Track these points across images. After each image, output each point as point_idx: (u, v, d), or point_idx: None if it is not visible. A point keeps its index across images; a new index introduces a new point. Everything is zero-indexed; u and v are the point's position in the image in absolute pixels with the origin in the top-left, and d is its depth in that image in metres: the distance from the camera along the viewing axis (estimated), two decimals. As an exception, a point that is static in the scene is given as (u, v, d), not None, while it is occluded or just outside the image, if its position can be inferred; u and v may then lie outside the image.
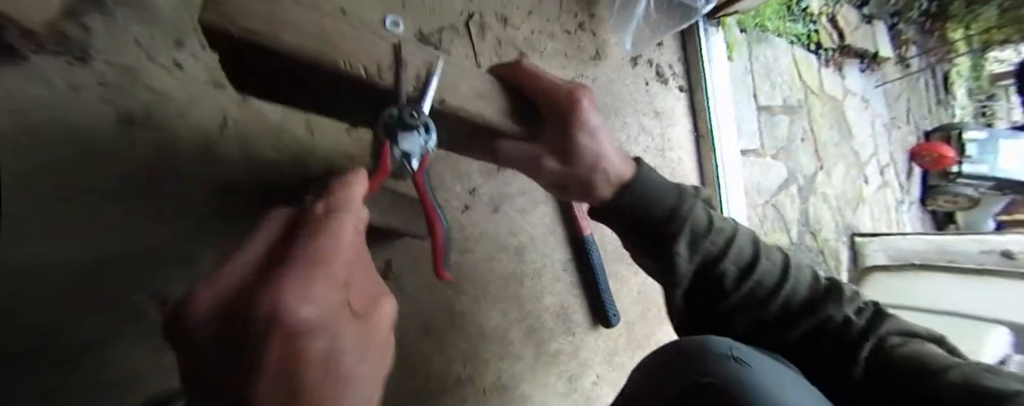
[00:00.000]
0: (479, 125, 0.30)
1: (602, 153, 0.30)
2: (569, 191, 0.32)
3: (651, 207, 0.31)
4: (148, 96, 0.38)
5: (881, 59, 2.07)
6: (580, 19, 0.72)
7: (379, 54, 0.25)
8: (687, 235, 0.31)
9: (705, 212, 0.32)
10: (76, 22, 0.36)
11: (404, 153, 0.27)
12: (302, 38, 0.22)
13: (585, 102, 0.29)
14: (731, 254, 0.31)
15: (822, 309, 0.31)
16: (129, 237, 0.37)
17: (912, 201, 2.35)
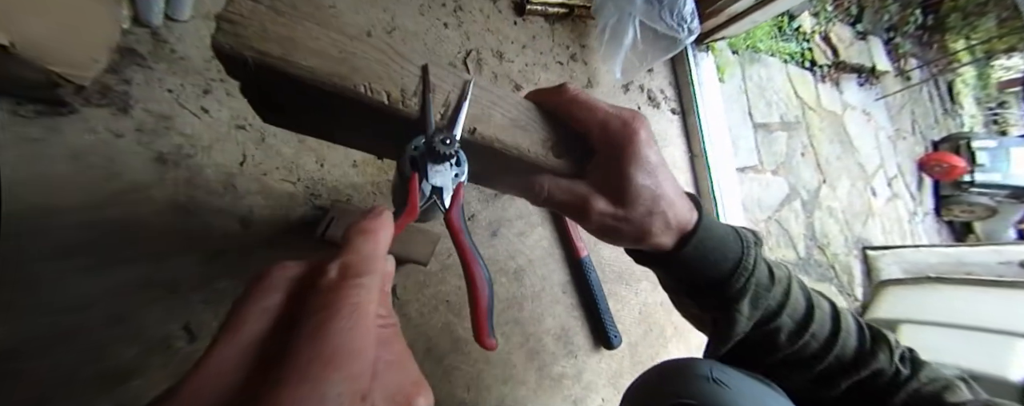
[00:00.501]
0: (515, 158, 0.25)
1: (661, 194, 0.25)
2: (621, 236, 0.26)
3: (716, 260, 0.27)
4: (179, 139, 0.43)
5: (879, 73, 2.10)
6: (572, 51, 0.77)
7: (404, 78, 0.22)
8: (751, 292, 0.27)
9: (765, 263, 0.29)
10: (119, 77, 0.41)
11: (434, 188, 0.22)
12: (320, 62, 0.19)
13: (643, 134, 0.25)
14: (788, 307, 0.28)
15: (873, 361, 0.29)
16: (161, 265, 0.40)
17: (926, 212, 2.30)
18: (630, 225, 0.26)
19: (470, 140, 0.24)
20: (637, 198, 0.25)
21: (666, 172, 0.26)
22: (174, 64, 0.44)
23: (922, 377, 0.29)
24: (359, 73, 0.21)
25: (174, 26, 0.44)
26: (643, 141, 0.25)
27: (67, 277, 0.37)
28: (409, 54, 0.22)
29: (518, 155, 0.25)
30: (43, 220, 0.37)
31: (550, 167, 0.27)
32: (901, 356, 0.30)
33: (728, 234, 0.28)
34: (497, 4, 0.70)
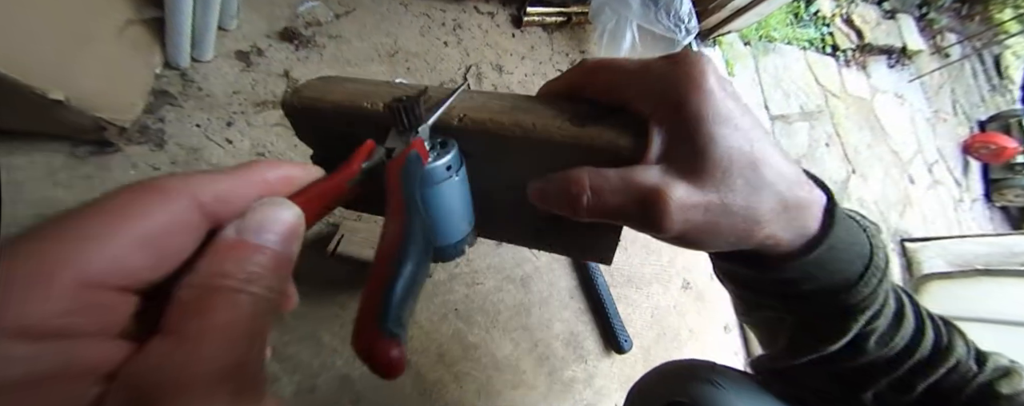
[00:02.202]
0: (521, 139, 0.19)
1: (761, 158, 0.17)
2: (720, 234, 0.17)
3: (847, 260, 0.20)
4: (206, 168, 0.47)
5: (912, 52, 1.97)
6: (571, 57, 0.78)
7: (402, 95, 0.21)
8: (881, 298, 0.21)
9: (886, 261, 0.22)
10: (154, 116, 0.46)
11: (388, 150, 0.18)
12: (339, 98, 0.22)
13: (709, 75, 0.16)
14: (888, 310, 0.22)
15: (950, 356, 0.23)
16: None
17: (974, 198, 2.13)
18: (732, 213, 0.17)
19: (461, 127, 0.20)
20: (731, 167, 0.16)
21: (759, 128, 0.17)
22: (201, 101, 0.48)
23: (988, 368, 0.24)
24: (367, 97, 0.22)
25: (199, 66, 0.49)
26: (712, 83, 0.16)
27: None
28: (413, 89, 0.22)
29: (523, 134, 0.19)
30: (96, 247, 0.42)
31: (581, 144, 0.18)
32: (968, 349, 0.24)
33: (851, 222, 0.20)
34: (495, 19, 0.72)
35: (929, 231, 1.66)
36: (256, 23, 0.53)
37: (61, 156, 0.42)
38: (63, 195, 0.41)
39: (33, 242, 0.10)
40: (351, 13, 0.60)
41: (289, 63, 0.54)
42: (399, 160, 0.17)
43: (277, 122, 0.51)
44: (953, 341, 0.24)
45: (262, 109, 0.51)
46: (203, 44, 0.47)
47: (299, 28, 0.55)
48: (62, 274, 0.09)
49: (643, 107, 0.17)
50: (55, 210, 0.35)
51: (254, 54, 0.52)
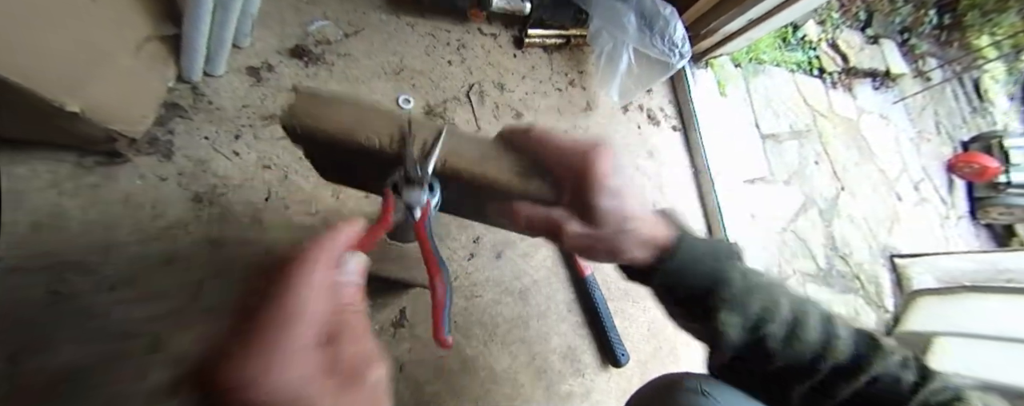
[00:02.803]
0: (486, 184, 0.29)
1: (627, 213, 0.27)
2: (597, 254, 0.29)
3: (697, 272, 0.29)
4: (213, 179, 0.48)
5: (895, 75, 2.05)
6: (570, 77, 0.80)
7: (393, 130, 0.28)
8: (732, 301, 0.29)
9: (745, 273, 0.30)
10: (164, 128, 0.47)
11: (408, 206, 0.28)
12: (339, 126, 0.27)
13: (601, 163, 0.26)
14: (775, 313, 0.29)
15: (869, 367, 0.28)
16: (194, 294, 0.45)
17: (960, 215, 2.19)
18: (603, 242, 0.28)
19: (443, 171, 0.28)
20: (606, 219, 0.27)
21: (635, 196, 0.28)
22: (210, 114, 0.50)
23: (932, 387, 0.27)
24: (362, 128, 0.28)
25: (210, 81, 0.50)
26: (602, 169, 0.26)
27: (119, 307, 0.41)
28: (400, 115, 0.29)
29: (487, 182, 0.29)
30: (101, 257, 0.42)
31: (521, 192, 0.29)
32: (903, 363, 0.29)
33: (708, 248, 0.30)
34: (497, 40, 0.75)
35: (917, 247, 1.69)
36: (268, 40, 0.55)
37: (67, 165, 0.43)
38: (68, 203, 0.42)
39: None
40: (360, 32, 0.62)
41: (298, 79, 0.55)
42: (423, 218, 0.28)
43: (283, 136, 0.52)
44: (876, 354, 0.28)
45: (270, 123, 0.52)
46: (216, 60, 0.48)
47: (309, 46, 0.57)
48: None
49: (564, 175, 0.28)
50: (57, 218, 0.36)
51: (264, 70, 0.54)
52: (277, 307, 0.16)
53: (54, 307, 0.39)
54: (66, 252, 0.41)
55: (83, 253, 0.41)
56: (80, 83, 0.36)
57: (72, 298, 0.40)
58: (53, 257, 0.40)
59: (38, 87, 0.32)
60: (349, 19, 0.62)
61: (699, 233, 0.31)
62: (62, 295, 0.40)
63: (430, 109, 0.64)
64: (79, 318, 0.40)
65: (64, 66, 0.34)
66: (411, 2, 0.66)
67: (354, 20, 0.62)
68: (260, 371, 0.14)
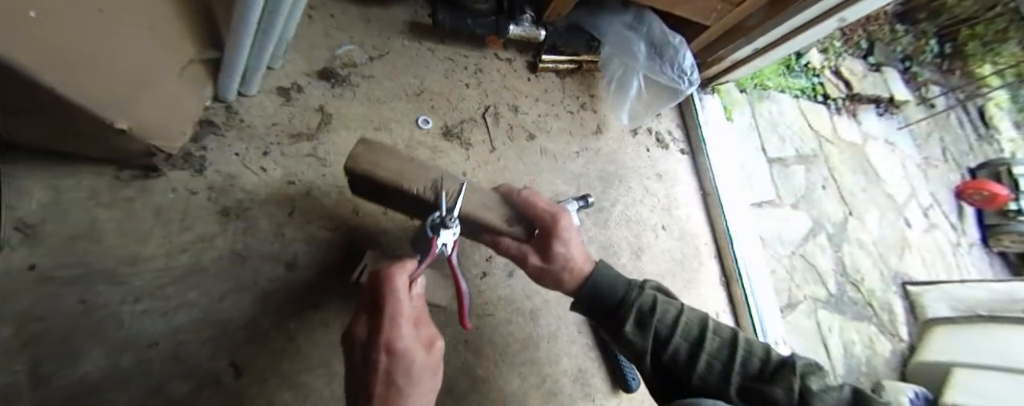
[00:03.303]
0: (485, 225, 0.44)
1: (570, 257, 0.42)
2: (545, 281, 0.44)
3: (604, 296, 0.42)
4: (241, 194, 0.50)
5: (899, 102, 2.08)
6: (581, 100, 0.83)
7: (429, 182, 0.41)
8: (634, 316, 0.40)
9: (652, 298, 0.41)
10: (198, 144, 0.49)
11: (444, 244, 0.40)
12: (390, 174, 0.40)
13: (562, 222, 0.42)
14: (680, 331, 0.39)
15: (772, 384, 0.35)
16: (216, 306, 0.46)
17: (972, 243, 2.16)
18: (550, 274, 0.42)
19: (460, 214, 0.42)
20: (555, 259, 0.42)
21: (576, 245, 0.43)
22: (242, 131, 0.52)
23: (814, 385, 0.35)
24: (407, 179, 0.41)
25: (244, 100, 0.53)
26: (563, 227, 0.42)
27: (142, 318, 0.42)
28: (432, 168, 0.42)
29: (485, 224, 0.44)
30: (130, 268, 0.43)
31: (507, 233, 0.44)
32: (824, 389, 0.34)
33: (618, 281, 0.43)
34: (512, 65, 0.78)
35: (930, 274, 1.66)
36: (298, 63, 0.58)
37: (106, 179, 0.45)
38: (103, 215, 0.44)
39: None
40: (384, 56, 0.65)
41: (325, 99, 0.58)
42: (452, 253, 0.41)
43: (309, 153, 0.55)
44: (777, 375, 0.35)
45: (296, 140, 0.55)
46: (251, 81, 0.51)
47: (336, 68, 0.60)
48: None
49: (537, 225, 0.44)
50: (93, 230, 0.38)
51: (294, 90, 0.56)
52: (392, 302, 0.32)
53: (83, 317, 0.40)
54: (98, 263, 0.42)
55: (115, 264, 0.43)
56: (129, 102, 0.39)
57: (100, 308, 0.41)
58: (86, 267, 0.41)
59: (94, 106, 0.35)
60: (374, 43, 0.65)
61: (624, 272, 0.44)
62: (91, 305, 0.41)
63: (448, 129, 0.66)
64: (106, 328, 0.41)
65: (118, 87, 0.37)
66: (432, 29, 0.70)
67: (379, 45, 0.66)
68: (393, 336, 0.31)
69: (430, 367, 0.33)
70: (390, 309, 0.32)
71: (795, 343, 1.03)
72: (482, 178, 0.66)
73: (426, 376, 0.32)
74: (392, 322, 0.31)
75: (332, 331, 0.49)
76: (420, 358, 0.31)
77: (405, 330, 0.31)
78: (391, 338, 0.31)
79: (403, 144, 0.62)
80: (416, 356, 0.31)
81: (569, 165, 0.75)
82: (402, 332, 0.31)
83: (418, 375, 0.31)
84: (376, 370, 0.30)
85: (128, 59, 0.37)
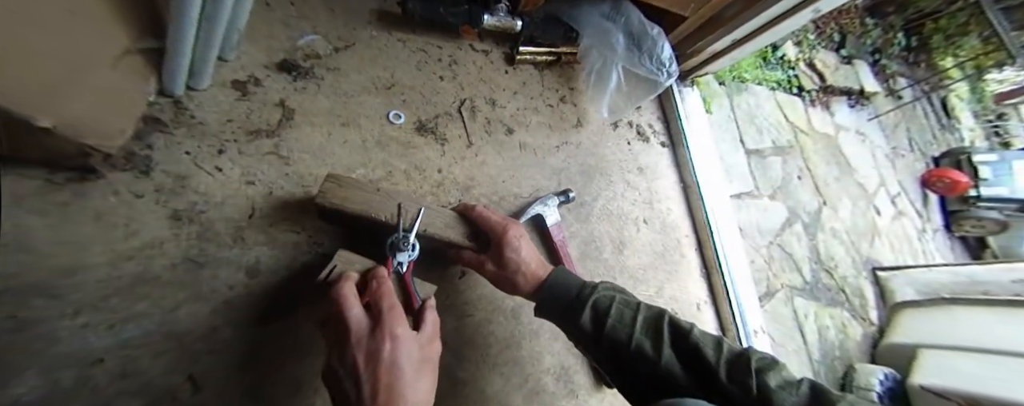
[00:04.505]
0: (448, 242, 0.50)
1: (521, 261, 0.47)
2: (503, 285, 0.49)
3: (560, 296, 0.45)
4: (194, 196, 0.46)
5: (869, 94, 2.15)
6: (561, 93, 0.81)
7: (391, 208, 0.47)
8: (589, 313, 0.43)
9: (607, 298, 0.44)
10: (142, 143, 0.45)
11: (399, 263, 0.45)
12: (358, 206, 0.45)
13: (511, 232, 0.48)
14: (639, 326, 0.41)
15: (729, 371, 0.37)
16: (169, 317, 0.42)
17: (936, 228, 2.27)
18: (505, 278, 0.47)
19: (424, 234, 0.48)
20: (507, 264, 0.47)
21: (529, 252, 0.48)
22: (193, 128, 0.48)
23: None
24: (374, 209, 0.46)
25: (194, 94, 0.49)
26: (512, 235, 0.48)
27: (84, 333, 0.39)
28: (395, 195, 0.48)
29: (449, 241, 0.50)
30: (67, 279, 0.39)
31: (467, 246, 0.51)
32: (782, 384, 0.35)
33: (573, 283, 0.46)
34: (489, 56, 0.75)
35: (898, 260, 1.74)
36: (255, 54, 0.54)
37: (36, 182, 0.41)
38: (34, 222, 0.40)
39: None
40: (350, 47, 0.61)
41: (286, 93, 0.54)
42: (408, 272, 0.45)
43: (269, 151, 0.51)
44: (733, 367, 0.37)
45: (255, 137, 0.51)
46: (200, 74, 0.47)
47: (298, 60, 0.56)
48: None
49: (491, 236, 0.49)
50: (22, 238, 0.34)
51: (251, 84, 0.53)
52: (388, 296, 0.38)
53: (13, 335, 0.36)
54: (30, 275, 0.38)
55: (49, 276, 0.39)
56: (53, 97, 0.35)
57: (34, 324, 0.37)
58: (15, 280, 0.37)
59: (6, 101, 0.31)
60: (339, 34, 0.62)
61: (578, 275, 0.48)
62: (23, 321, 0.37)
63: (421, 124, 0.63)
64: (41, 345, 0.37)
65: (36, 79, 0.33)
66: (402, 18, 0.66)
67: (344, 35, 0.62)
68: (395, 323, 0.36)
69: (429, 361, 0.36)
70: (387, 301, 0.36)
71: (773, 330, 1.06)
72: (459, 175, 0.64)
73: (427, 369, 0.36)
74: (391, 312, 0.35)
75: (301, 339, 0.47)
76: (418, 347, 0.35)
77: (403, 320, 0.36)
78: (393, 325, 0.34)
79: (373, 140, 0.59)
80: (415, 343, 0.35)
81: (549, 160, 0.74)
82: (401, 321, 0.35)
83: (418, 362, 0.34)
84: (380, 359, 0.32)
85: (46, 48, 0.33)
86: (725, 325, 0.83)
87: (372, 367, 0.32)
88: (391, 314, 0.35)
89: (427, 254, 0.50)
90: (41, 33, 0.32)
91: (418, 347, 0.35)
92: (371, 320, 0.35)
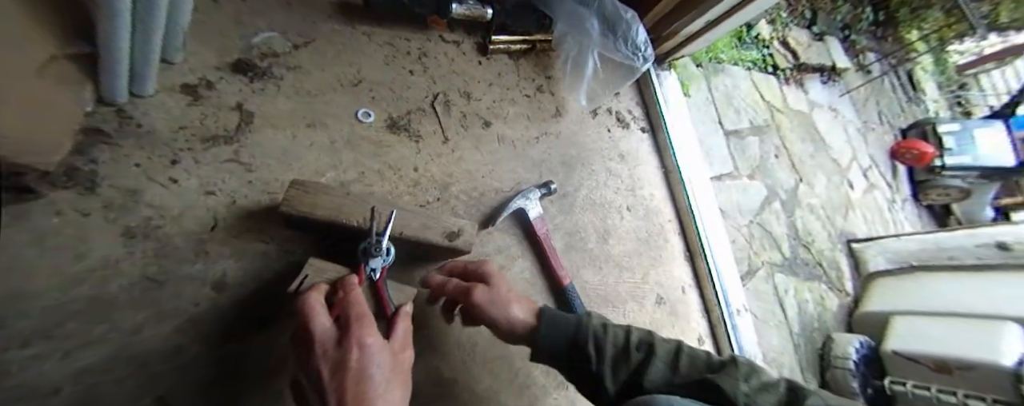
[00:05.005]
0: (427, 243, 0.48)
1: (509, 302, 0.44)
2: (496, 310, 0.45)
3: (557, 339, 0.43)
4: (148, 211, 0.43)
5: (840, 70, 2.20)
6: (538, 83, 0.79)
7: (363, 213, 0.45)
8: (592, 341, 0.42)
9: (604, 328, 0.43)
10: (85, 157, 0.42)
11: (371, 269, 0.43)
12: (327, 212, 0.43)
13: (493, 272, 0.47)
14: (631, 346, 0.42)
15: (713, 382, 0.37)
16: (130, 340, 0.40)
17: (904, 199, 2.37)
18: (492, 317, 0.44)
19: (399, 237, 0.46)
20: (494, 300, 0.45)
21: (510, 291, 0.46)
22: (141, 138, 0.45)
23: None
24: (345, 214, 0.44)
25: (139, 102, 0.45)
26: (493, 272, 0.47)
27: (36, 364, 0.36)
28: (367, 199, 0.46)
29: (427, 242, 0.48)
30: (11, 308, 0.36)
31: (446, 246, 0.49)
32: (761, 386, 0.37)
33: (563, 319, 0.45)
34: (461, 47, 0.72)
35: (870, 231, 1.81)
36: (205, 55, 0.50)
37: (-33, 205, 0.37)
38: (-32, 250, 0.36)
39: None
40: (311, 43, 0.58)
41: (243, 96, 0.51)
42: (381, 278, 0.43)
43: (229, 158, 0.48)
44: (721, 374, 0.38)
45: (212, 144, 0.48)
46: (143, 78, 0.43)
47: (254, 59, 0.53)
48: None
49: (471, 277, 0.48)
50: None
51: (203, 87, 0.49)
52: (357, 304, 0.36)
53: (-48, 373, 0.34)
54: (-35, 307, 0.35)
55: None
56: (-32, 112, 0.31)
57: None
58: (-52, 314, 0.34)
59: (-91, 120, 0.27)
60: (298, 30, 0.58)
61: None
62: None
63: (393, 121, 0.61)
64: None
65: (-56, 94, 0.29)
66: (365, 10, 0.63)
67: (303, 30, 0.58)
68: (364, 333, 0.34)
69: (400, 370, 0.35)
70: (356, 310, 0.35)
71: (755, 307, 1.09)
72: (436, 172, 0.62)
73: (399, 379, 0.34)
74: (359, 321, 0.34)
75: (277, 352, 0.45)
76: (389, 355, 0.34)
77: (373, 328, 0.34)
78: (361, 334, 0.33)
79: (342, 140, 0.56)
80: (386, 352, 0.34)
81: (529, 151, 0.72)
82: (371, 330, 0.34)
83: (390, 371, 0.33)
84: (347, 368, 0.31)
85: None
86: (709, 306, 0.84)
87: (339, 378, 0.31)
88: (359, 323, 0.34)
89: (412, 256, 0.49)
90: (-58, 40, 0.29)
91: (389, 355, 0.34)
92: (338, 330, 0.34)
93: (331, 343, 0.33)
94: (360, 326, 0.34)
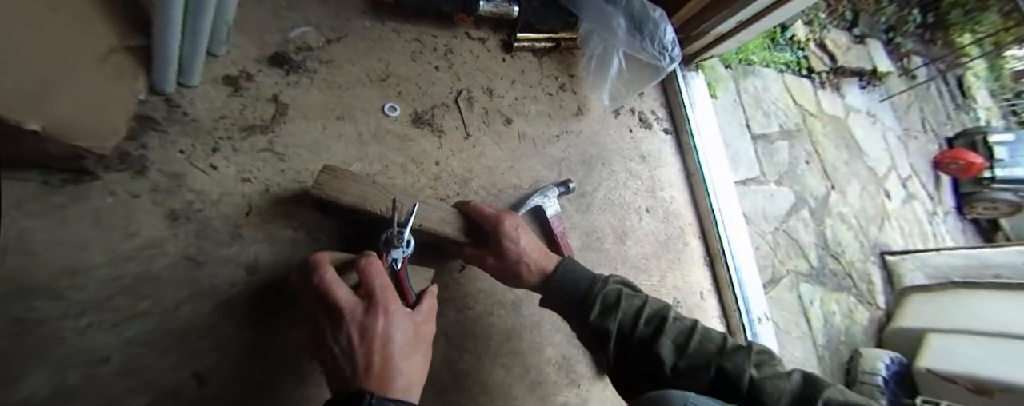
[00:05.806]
0: (444, 237, 0.49)
1: (521, 251, 0.45)
2: (507, 278, 0.48)
3: (570, 289, 0.45)
4: (190, 195, 0.46)
5: (882, 74, 2.08)
6: (561, 81, 0.79)
7: (386, 202, 0.46)
8: (598, 307, 0.43)
9: (615, 291, 0.44)
10: (136, 142, 0.45)
11: (393, 259, 0.44)
12: (354, 199, 0.45)
13: (506, 222, 0.46)
14: (643, 318, 0.42)
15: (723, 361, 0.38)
16: (172, 316, 0.43)
17: (947, 211, 2.22)
18: (507, 270, 0.46)
19: (420, 230, 0.47)
20: (507, 256, 0.45)
21: (529, 241, 0.46)
22: (186, 126, 0.48)
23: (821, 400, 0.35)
24: (369, 202, 0.46)
25: (186, 91, 0.48)
26: (507, 226, 0.46)
27: (89, 333, 0.39)
28: (390, 190, 0.47)
29: (445, 236, 0.49)
30: (69, 280, 0.40)
31: (464, 242, 0.50)
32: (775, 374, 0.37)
33: (584, 274, 0.46)
34: (486, 44, 0.73)
35: (908, 244, 1.71)
36: (246, 48, 0.53)
37: (33, 184, 0.41)
38: (33, 225, 0.40)
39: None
40: (343, 39, 0.60)
41: (279, 88, 0.54)
42: (403, 268, 0.44)
43: (264, 147, 0.51)
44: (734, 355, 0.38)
45: (249, 134, 0.50)
46: (190, 70, 0.46)
47: (290, 53, 0.55)
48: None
49: (486, 229, 0.48)
50: (22, 242, 0.34)
51: (243, 79, 0.52)
52: (379, 276, 0.38)
53: (18, 337, 0.37)
54: (31, 277, 0.38)
55: (50, 277, 0.39)
56: (40, 99, 0.34)
57: (38, 326, 0.38)
58: (17, 283, 0.38)
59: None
60: (331, 25, 0.60)
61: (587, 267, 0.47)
62: (27, 323, 0.38)
63: (418, 116, 0.62)
64: (47, 346, 0.38)
65: (21, 82, 0.32)
66: (395, 7, 0.64)
67: (337, 26, 0.60)
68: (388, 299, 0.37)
69: (422, 339, 0.38)
70: (379, 280, 0.37)
71: (778, 317, 1.05)
72: (457, 167, 0.63)
73: (421, 346, 0.37)
74: (383, 290, 0.36)
75: (301, 332, 0.47)
76: (412, 324, 0.36)
77: (397, 297, 0.37)
78: (387, 302, 0.35)
79: (369, 133, 0.58)
80: (409, 320, 0.36)
81: (549, 149, 0.73)
82: (395, 298, 0.37)
83: (413, 337, 0.36)
84: (375, 332, 0.34)
85: (27, 48, 0.32)
86: (728, 313, 0.82)
87: (367, 341, 0.33)
88: (384, 292, 0.36)
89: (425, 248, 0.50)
90: (22, 33, 0.32)
91: (412, 324, 0.36)
92: (364, 300, 0.36)
93: (359, 311, 0.35)
94: (385, 295, 0.36)
